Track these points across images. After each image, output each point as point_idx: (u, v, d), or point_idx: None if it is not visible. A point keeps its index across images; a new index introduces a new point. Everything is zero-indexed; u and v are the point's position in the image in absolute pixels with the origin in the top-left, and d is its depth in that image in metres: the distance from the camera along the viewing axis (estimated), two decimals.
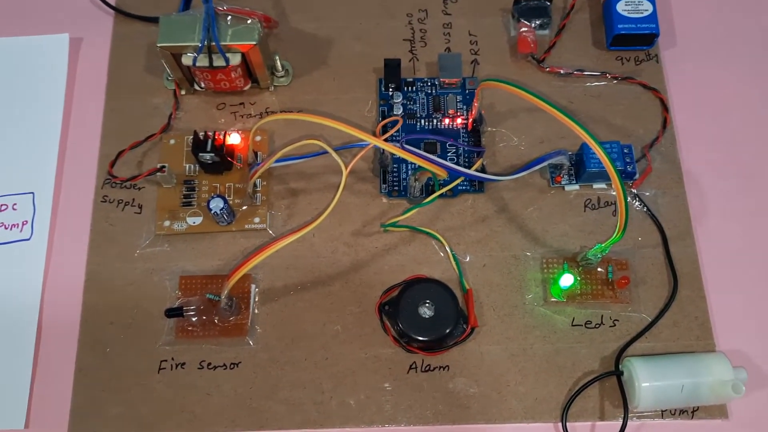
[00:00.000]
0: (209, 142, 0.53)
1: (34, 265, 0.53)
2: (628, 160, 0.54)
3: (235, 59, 0.53)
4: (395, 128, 0.54)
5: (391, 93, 0.58)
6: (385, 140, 0.50)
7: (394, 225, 0.53)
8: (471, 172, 0.51)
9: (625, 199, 0.42)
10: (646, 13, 0.58)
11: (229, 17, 0.53)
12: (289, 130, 0.57)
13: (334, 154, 0.46)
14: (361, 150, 0.50)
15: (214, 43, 0.52)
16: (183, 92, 0.58)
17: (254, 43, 0.53)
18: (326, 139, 0.53)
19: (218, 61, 0.53)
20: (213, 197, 0.51)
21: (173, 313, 0.50)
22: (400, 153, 0.48)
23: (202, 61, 0.53)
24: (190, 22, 0.53)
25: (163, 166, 0.53)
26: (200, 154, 0.53)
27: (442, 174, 0.51)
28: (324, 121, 0.47)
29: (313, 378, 0.50)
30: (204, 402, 0.49)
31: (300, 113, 0.52)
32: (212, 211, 0.51)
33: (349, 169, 0.45)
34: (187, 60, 0.53)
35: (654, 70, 0.60)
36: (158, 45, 0.53)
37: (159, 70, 0.59)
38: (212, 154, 0.53)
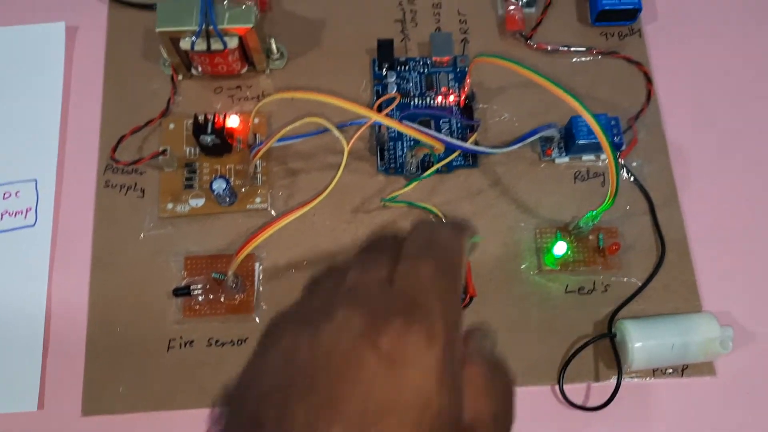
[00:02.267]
0: (209, 124, 0.54)
1: (39, 250, 0.54)
2: (615, 132, 0.56)
3: (233, 42, 0.54)
4: (393, 104, 0.55)
5: (384, 72, 0.59)
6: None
7: (393, 200, 0.54)
8: (467, 145, 0.53)
9: (617, 166, 0.44)
10: None
11: (226, 1, 0.54)
12: (286, 111, 0.58)
13: (335, 131, 0.47)
14: (359, 128, 0.52)
15: (211, 27, 0.53)
16: (180, 77, 0.60)
17: (251, 25, 0.54)
18: (326, 118, 0.55)
19: (216, 45, 0.54)
20: (215, 178, 0.53)
21: (181, 292, 0.51)
22: (400, 127, 0.49)
23: (200, 45, 0.54)
24: (188, 6, 0.54)
25: (165, 150, 0.54)
26: (201, 137, 0.54)
27: (440, 148, 0.52)
28: (326, 98, 0.48)
29: None
30: (213, 377, 0.51)
31: (302, 91, 0.53)
32: (215, 192, 0.53)
33: (350, 145, 0.47)
34: (185, 44, 0.54)
35: (637, 43, 0.62)
36: (157, 29, 0.54)
37: (155, 56, 0.59)
38: (213, 137, 0.54)
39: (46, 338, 0.52)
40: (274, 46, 0.59)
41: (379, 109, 0.56)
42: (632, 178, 0.56)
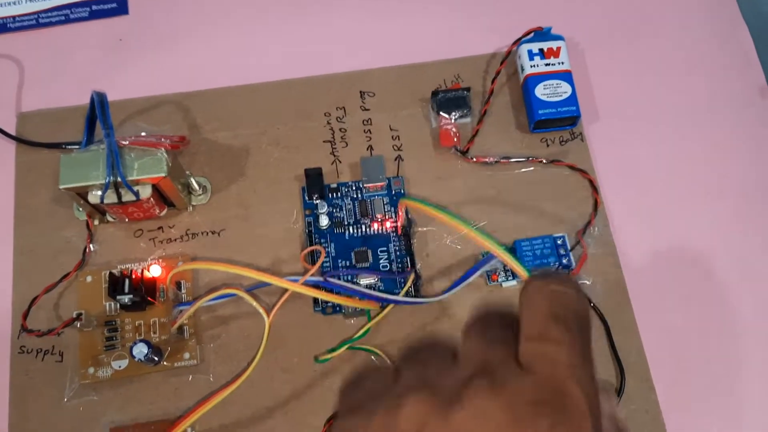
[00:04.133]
0: (127, 282, 0.50)
1: None
2: (563, 252, 0.53)
3: (146, 192, 0.51)
4: (319, 262, 0.51)
5: (315, 202, 0.56)
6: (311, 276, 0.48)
7: (326, 362, 0.51)
8: (401, 298, 0.49)
9: None
10: (565, 96, 0.57)
11: (133, 152, 0.50)
12: (213, 248, 0.55)
13: (256, 305, 0.44)
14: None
15: (120, 180, 0.50)
16: (96, 222, 0.55)
17: (163, 175, 0.50)
18: (243, 286, 0.51)
19: (128, 196, 0.51)
20: (135, 343, 0.49)
21: None
22: (324, 296, 0.46)
23: (110, 198, 0.50)
24: (93, 159, 0.50)
25: (80, 314, 0.50)
26: (118, 297, 0.50)
27: (374, 307, 0.49)
28: (238, 270, 0.45)
29: None
30: None
31: (212, 263, 0.50)
32: (136, 359, 0.49)
33: (271, 318, 0.43)
34: (93, 198, 0.50)
35: (580, 148, 0.59)
36: (60, 187, 0.50)
37: (69, 201, 0.55)
38: (130, 296, 0.50)
39: None
40: (194, 182, 0.55)
41: (311, 257, 0.53)
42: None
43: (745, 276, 0.55)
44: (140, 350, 0.48)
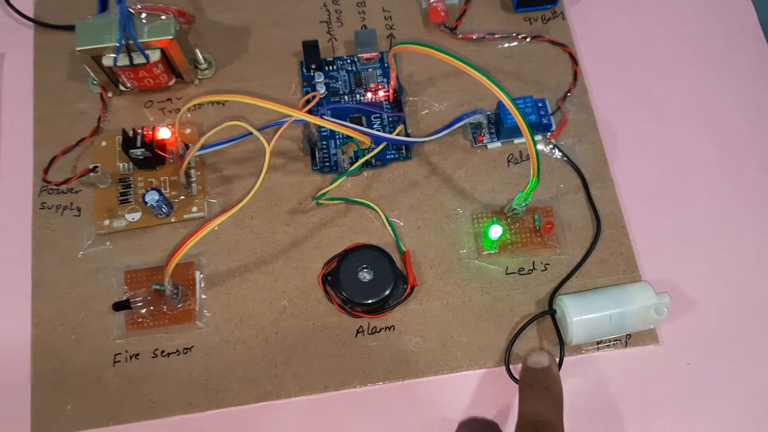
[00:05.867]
0: (139, 138, 0.54)
1: None
2: (543, 113, 0.57)
3: (155, 55, 0.55)
4: (312, 102, 0.55)
5: (312, 74, 0.60)
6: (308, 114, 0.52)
7: (323, 196, 0.55)
8: (392, 136, 0.53)
9: (534, 144, 0.44)
10: None
11: (144, 15, 0.54)
12: (217, 119, 0.58)
13: (255, 132, 0.47)
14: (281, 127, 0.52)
15: (132, 42, 0.53)
16: (110, 95, 0.59)
17: (171, 37, 0.54)
18: (249, 121, 0.55)
19: (138, 59, 0.55)
20: (148, 191, 0.53)
21: (120, 306, 0.51)
22: (321, 122, 0.49)
23: (123, 61, 0.54)
24: (106, 23, 0.54)
25: (96, 166, 0.54)
26: (131, 151, 0.54)
27: (366, 141, 0.53)
28: (244, 99, 0.48)
29: (265, 353, 0.52)
30: (161, 388, 0.51)
31: (221, 94, 0.53)
32: (148, 204, 0.53)
33: (272, 145, 0.47)
34: (107, 61, 0.54)
35: (561, 26, 0.63)
36: (77, 49, 0.54)
37: (83, 76, 0.59)
38: (143, 150, 0.54)
39: None
40: (200, 56, 0.59)
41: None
42: (564, 157, 0.57)
43: (714, 130, 0.59)
44: (152, 196, 0.53)
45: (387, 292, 0.51)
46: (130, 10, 0.54)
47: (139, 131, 0.55)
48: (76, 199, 0.56)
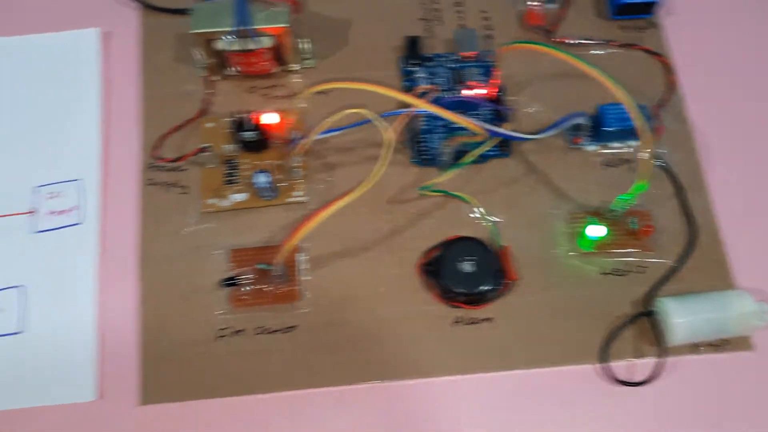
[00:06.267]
0: (249, 120, 0.56)
1: (87, 247, 0.55)
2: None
3: (268, 42, 0.56)
4: (430, 95, 0.57)
5: (413, 69, 0.61)
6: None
7: (429, 189, 0.56)
8: (507, 131, 0.54)
9: (649, 146, 0.46)
10: None
11: (258, 4, 0.56)
12: (320, 108, 0.59)
13: (378, 121, 0.49)
14: (397, 119, 0.53)
15: (247, 28, 0.55)
16: (214, 78, 0.61)
17: (286, 25, 0.55)
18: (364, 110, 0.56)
19: (251, 45, 0.56)
20: (258, 172, 0.54)
21: (229, 282, 0.52)
22: (448, 115, 0.51)
23: (235, 45, 0.56)
24: (222, 8, 0.56)
25: (209, 146, 0.56)
26: (242, 133, 0.56)
27: (483, 134, 0.54)
28: (373, 87, 0.50)
29: (364, 336, 0.53)
30: (263, 365, 0.52)
31: (348, 82, 0.55)
32: (257, 185, 0.54)
33: (394, 133, 0.48)
34: (222, 45, 0.56)
35: (656, 36, 0.64)
36: (192, 31, 0.55)
37: (187, 58, 0.61)
38: (255, 132, 0.55)
39: (99, 331, 0.53)
40: (304, 45, 0.60)
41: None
42: (660, 164, 0.58)
43: None
44: (262, 178, 0.54)
45: (488, 285, 0.52)
46: None
47: (248, 115, 0.56)
48: (182, 177, 0.58)
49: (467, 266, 0.53)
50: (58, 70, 0.62)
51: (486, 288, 0.52)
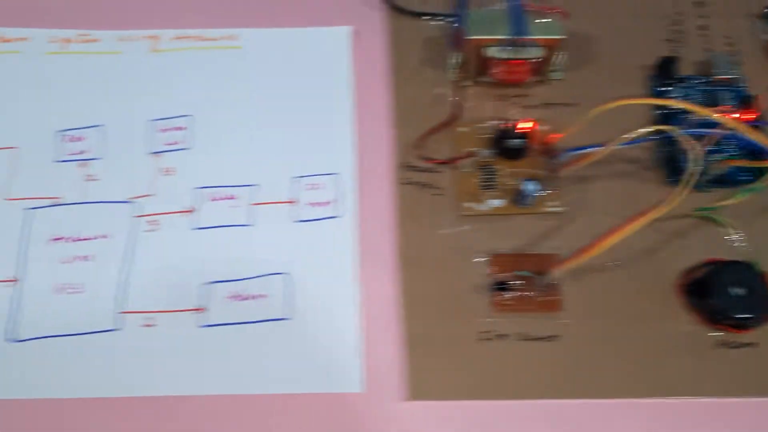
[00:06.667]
0: (513, 129, 0.56)
1: (346, 239, 0.56)
2: None
3: (538, 52, 0.57)
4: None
5: (665, 89, 0.61)
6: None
7: (712, 210, 0.56)
8: None
9: None
10: None
11: (531, 14, 0.56)
12: (566, 120, 0.59)
13: (685, 139, 0.49)
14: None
15: (522, 37, 0.56)
16: (465, 83, 0.62)
17: (561, 37, 0.56)
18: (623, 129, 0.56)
19: (522, 54, 0.57)
20: (526, 180, 0.55)
21: (500, 286, 0.53)
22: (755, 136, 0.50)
23: (507, 53, 0.57)
24: (495, 16, 0.57)
25: (477, 150, 0.57)
26: (508, 140, 0.56)
27: None
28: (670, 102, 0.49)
29: (626, 351, 0.53)
30: (525, 371, 0.52)
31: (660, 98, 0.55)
32: (525, 193, 0.54)
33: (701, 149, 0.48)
34: (492, 52, 0.57)
35: None
36: (468, 37, 0.56)
37: (435, 62, 0.62)
38: (521, 141, 0.56)
39: (363, 324, 0.53)
40: (561, 58, 0.61)
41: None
42: None
43: None
44: (531, 186, 0.54)
45: (762, 309, 0.52)
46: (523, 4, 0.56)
47: (513, 123, 0.57)
48: (435, 179, 0.58)
49: (738, 290, 0.52)
50: (313, 64, 0.63)
51: (759, 314, 0.52)
